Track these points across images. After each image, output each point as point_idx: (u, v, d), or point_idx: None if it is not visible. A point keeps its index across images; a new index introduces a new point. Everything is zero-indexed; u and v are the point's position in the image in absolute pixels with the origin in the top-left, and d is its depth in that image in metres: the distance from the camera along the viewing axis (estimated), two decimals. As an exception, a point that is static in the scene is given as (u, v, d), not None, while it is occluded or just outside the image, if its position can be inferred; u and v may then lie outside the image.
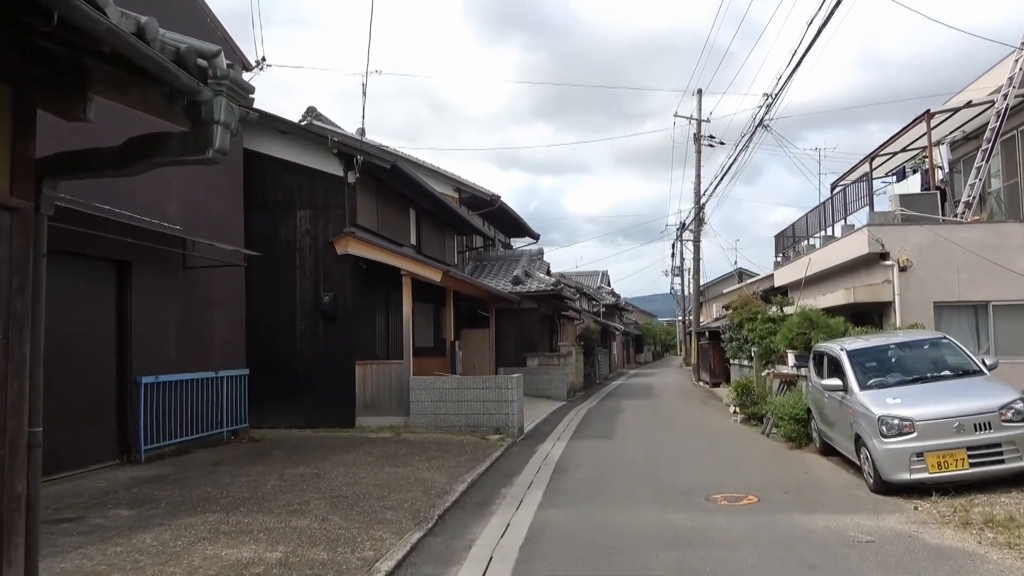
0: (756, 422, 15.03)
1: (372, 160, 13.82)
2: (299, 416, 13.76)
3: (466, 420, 13.24)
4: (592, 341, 30.32)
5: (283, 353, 14.06)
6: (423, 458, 10.35)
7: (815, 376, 10.76)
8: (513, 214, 26.61)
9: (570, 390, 24.05)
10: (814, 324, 12.49)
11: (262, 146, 14.34)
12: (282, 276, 14.18)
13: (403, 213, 17.29)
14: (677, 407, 20.32)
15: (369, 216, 14.97)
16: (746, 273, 59.65)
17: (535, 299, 23.28)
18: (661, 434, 14.03)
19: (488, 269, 24.97)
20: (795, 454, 11.07)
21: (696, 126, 32.51)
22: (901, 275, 13.12)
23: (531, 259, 25.81)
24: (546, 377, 22.63)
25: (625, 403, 21.66)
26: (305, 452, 10.89)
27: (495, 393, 13.21)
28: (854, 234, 14.04)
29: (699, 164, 32.48)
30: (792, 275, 19.14)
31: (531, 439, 13.36)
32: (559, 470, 10.09)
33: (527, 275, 23.91)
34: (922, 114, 14.20)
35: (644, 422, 16.31)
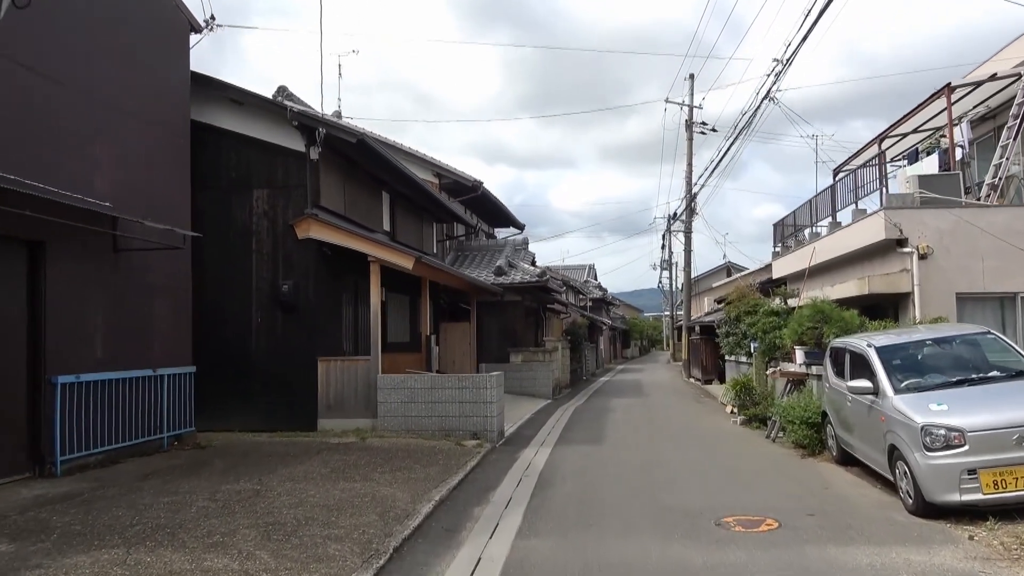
0: (758, 424, 13.80)
1: (336, 134, 12.42)
2: (255, 418, 12.37)
3: (440, 423, 11.90)
4: (579, 336, 29.06)
5: (237, 348, 12.66)
6: (387, 469, 9.01)
7: (833, 376, 9.51)
8: (497, 202, 25.26)
9: (556, 387, 22.77)
10: (827, 317, 11.24)
11: (214, 118, 12.90)
12: (236, 262, 12.77)
13: (375, 196, 15.89)
14: (670, 406, 19.07)
15: (335, 198, 13.57)
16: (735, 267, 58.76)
17: (519, 291, 21.98)
18: (656, 438, 12.76)
19: (470, 260, 23.62)
20: (809, 464, 9.82)
21: (688, 112, 31.25)
22: (921, 263, 11.91)
23: (515, 249, 24.48)
24: (530, 374, 21.34)
25: (614, 402, 20.40)
26: (252, 461, 9.51)
27: (472, 393, 11.88)
28: (868, 218, 12.80)
29: (690, 151, 31.25)
30: (793, 266, 17.92)
31: (512, 444, 12.05)
32: (543, 483, 8.78)
33: (511, 266, 22.59)
34: (941, 88, 12.97)
35: (636, 424, 15.05)
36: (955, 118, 13.14)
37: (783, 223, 19.56)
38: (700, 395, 22.89)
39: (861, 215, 13.49)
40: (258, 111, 12.81)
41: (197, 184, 12.28)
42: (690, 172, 31.25)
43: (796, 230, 18.17)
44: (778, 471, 9.34)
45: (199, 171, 12.46)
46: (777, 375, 12.13)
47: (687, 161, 31.29)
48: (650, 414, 17.07)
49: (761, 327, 13.93)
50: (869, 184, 14.40)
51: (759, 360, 14.54)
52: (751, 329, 15.16)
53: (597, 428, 14.28)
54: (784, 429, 11.70)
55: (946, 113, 13.94)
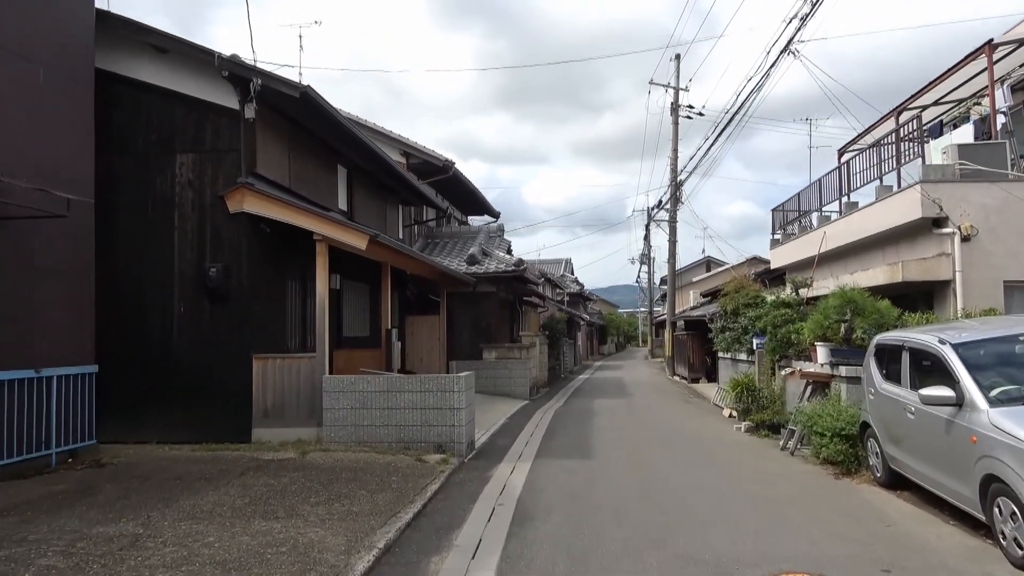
0: (767, 432, 12.03)
1: (275, 87, 10.37)
2: (176, 428, 10.33)
3: (398, 433, 9.95)
4: (557, 331, 27.21)
5: (156, 343, 10.59)
6: (323, 498, 7.05)
7: (880, 380, 7.72)
8: (469, 186, 23.30)
9: (533, 387, 20.90)
10: (859, 309, 9.47)
11: (132, 68, 10.80)
12: (155, 241, 10.68)
13: (328, 170, 13.86)
14: (659, 409, 17.28)
15: (277, 167, 11.53)
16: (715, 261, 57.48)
17: (494, 281, 20.06)
18: (652, 450, 10.92)
19: (440, 247, 21.65)
20: (847, 487, 8.03)
21: (673, 95, 29.50)
22: (963, 246, 10.20)
23: (490, 237, 22.56)
24: (505, 372, 19.43)
25: (597, 403, 18.57)
26: (153, 487, 7.48)
27: (437, 397, 9.95)
28: (898, 195, 11.06)
29: (676, 136, 29.51)
30: (797, 253, 16.21)
31: (484, 458, 10.13)
32: (521, 517, 6.87)
33: (485, 254, 20.66)
34: (980, 47, 11.26)
35: (625, 430, 13.21)
36: (996, 79, 11.43)
37: (784, 208, 17.85)
38: (688, 395, 21.15)
39: (886, 192, 11.76)
40: (184, 61, 10.72)
41: (107, 147, 10.23)
42: (675, 158, 29.54)
43: (801, 215, 16.44)
44: (815, 498, 7.52)
45: (110, 131, 10.41)
46: (796, 375, 10.37)
47: (672, 147, 29.58)
48: (639, 418, 15.26)
49: (770, 321, 12.16)
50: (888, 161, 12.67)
51: (768, 358, 12.78)
52: (756, 323, 13.39)
53: (582, 436, 12.41)
54: (805, 440, 9.93)
55: (979, 79, 12.29)
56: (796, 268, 16.77)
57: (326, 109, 11.12)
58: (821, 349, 10.24)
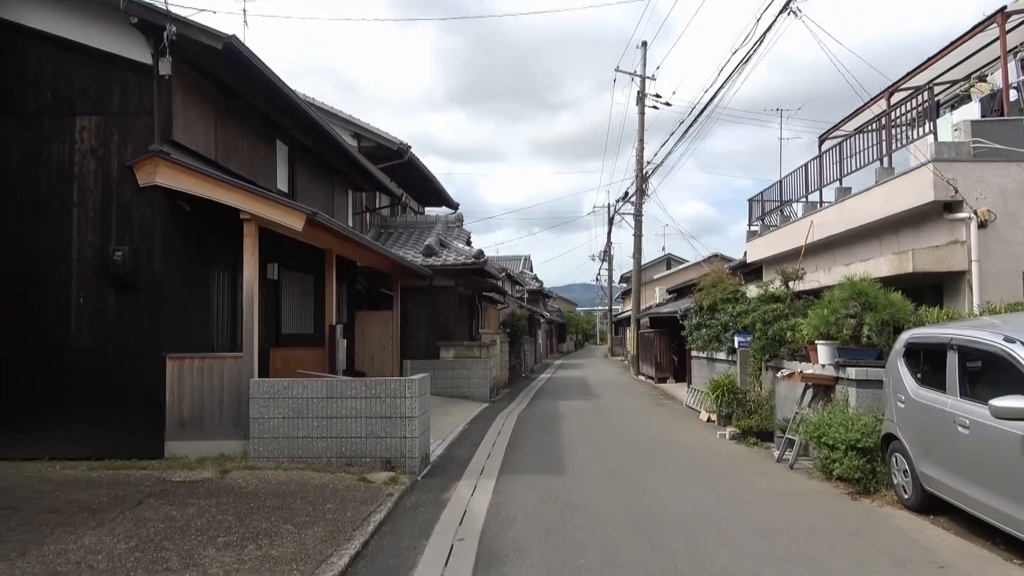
0: (755, 440, 10.87)
1: (194, 36, 8.75)
2: (75, 441, 8.66)
3: (339, 447, 8.47)
4: (519, 328, 25.86)
5: (49, 340, 8.89)
6: (236, 536, 5.56)
7: (912, 385, 6.53)
8: (426, 173, 21.77)
9: (494, 388, 19.51)
10: (871, 303, 8.29)
11: (18, 13, 9.08)
12: (48, 218, 8.98)
13: (265, 145, 12.25)
14: (631, 412, 16.04)
15: (200, 135, 9.91)
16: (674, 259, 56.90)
17: (452, 275, 18.61)
18: (632, 462, 9.61)
19: (394, 238, 20.11)
20: (870, 511, 6.82)
21: (640, 83, 28.38)
22: (980, 233, 9.12)
23: (448, 227, 21.08)
24: (464, 372, 17.99)
25: (563, 405, 17.26)
26: (15, 525, 5.88)
27: (386, 405, 8.48)
28: (905, 177, 9.95)
29: (642, 127, 28.38)
30: (778, 245, 15.12)
31: (440, 475, 8.70)
32: (486, 560, 5.47)
33: (443, 245, 19.19)
34: (992, 16, 10.22)
35: (598, 437, 11.90)
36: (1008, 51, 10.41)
37: (762, 198, 16.76)
38: (658, 396, 19.99)
39: (887, 175, 10.65)
40: (86, 5, 9.04)
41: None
42: (641, 149, 28.44)
43: (782, 204, 15.34)
44: (839, 528, 6.27)
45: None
46: (796, 378, 9.17)
47: (638, 137, 28.45)
48: (610, 422, 13.98)
49: (759, 316, 10.97)
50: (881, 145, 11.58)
51: (755, 358, 11.59)
52: (741, 319, 12.19)
53: (550, 445, 11.06)
54: (806, 450, 8.75)
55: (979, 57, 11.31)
56: (776, 261, 15.69)
57: (256, 66, 9.53)
58: (823, 348, 9.05)
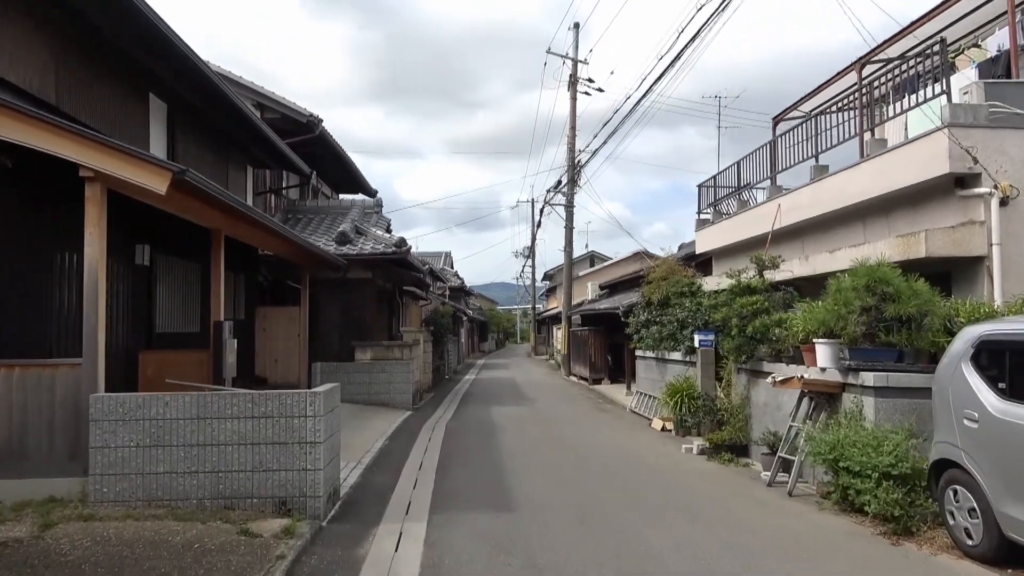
0: (730, 456, 9.27)
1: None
2: None
3: (216, 484, 6.30)
4: (443, 327, 23.81)
5: None
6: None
7: (990, 398, 4.97)
8: (341, 152, 19.45)
9: (416, 393, 17.44)
10: (893, 293, 6.75)
11: None
12: None
13: (136, 99, 9.84)
14: (573, 420, 14.28)
15: (36, 73, 7.51)
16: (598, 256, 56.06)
17: (370, 265, 16.41)
18: (595, 490, 7.78)
19: (304, 223, 17.74)
20: (927, 562, 5.21)
21: (572, 67, 26.79)
22: (1002, 212, 7.75)
23: (365, 213, 18.85)
24: (383, 376, 15.84)
25: (496, 412, 15.37)
26: None
27: (281, 427, 6.37)
28: (909, 147, 8.50)
29: (574, 113, 26.81)
30: (735, 233, 13.67)
31: (353, 519, 6.64)
32: None
33: (359, 232, 16.96)
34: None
35: (547, 455, 10.04)
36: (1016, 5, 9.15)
37: (715, 183, 15.31)
38: (597, 400, 18.37)
39: (878, 147, 9.22)
40: None
41: None
42: (573, 136, 26.85)
43: (739, 188, 13.89)
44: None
45: None
46: (795, 384, 7.56)
47: (570, 124, 26.86)
48: (555, 433, 12.17)
49: (735, 311, 9.36)
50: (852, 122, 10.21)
51: (728, 359, 9.96)
52: (710, 314, 10.57)
53: (492, 467, 9.14)
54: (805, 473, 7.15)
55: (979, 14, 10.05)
56: (731, 252, 14.28)
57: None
58: (824, 349, 7.48)
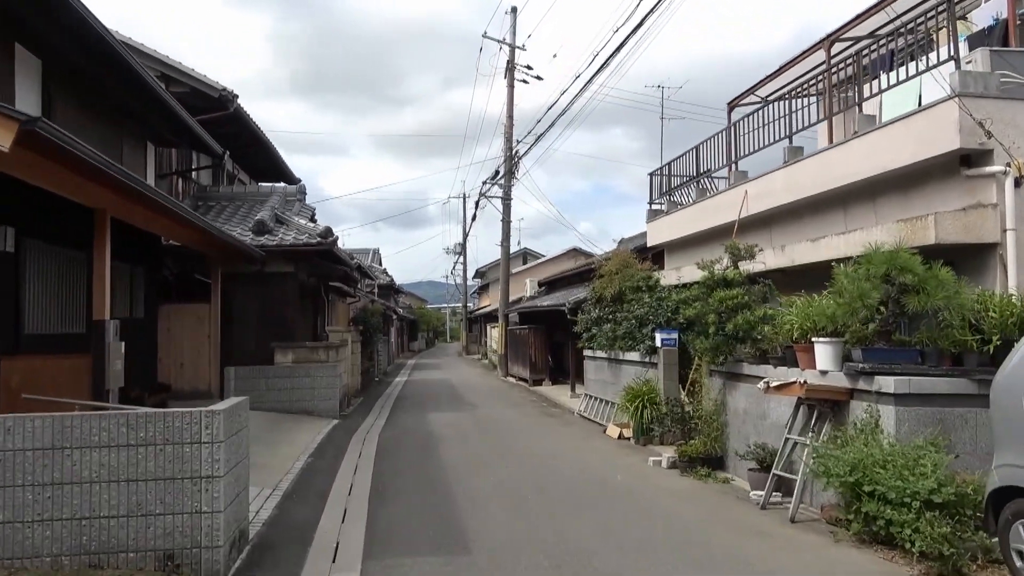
0: (707, 471, 8.19)
1: None
2: None
3: (78, 535, 4.75)
4: (373, 326, 22.22)
5: None
6: None
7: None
8: (259, 134, 17.64)
9: (344, 398, 15.89)
10: (916, 284, 5.74)
11: None
12: None
13: (-4, 47, 8.05)
14: (521, 428, 13.00)
15: None
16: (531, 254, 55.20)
17: (292, 258, 14.76)
18: (568, 522, 6.52)
19: (217, 211, 15.94)
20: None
21: (510, 52, 25.57)
22: (1016, 194, 6.89)
23: (287, 201, 17.15)
24: (307, 381, 14.23)
25: (434, 420, 13.97)
26: None
27: (167, 457, 4.87)
28: (915, 117, 7.57)
29: (511, 101, 25.58)
30: (693, 224, 12.68)
31: (264, 571, 5.19)
32: None
33: (279, 221, 15.29)
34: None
35: (499, 473, 8.72)
36: None
37: (669, 172, 14.29)
38: (542, 404, 17.18)
39: (867, 124, 8.30)
40: None
41: None
42: (511, 126, 25.64)
43: (699, 175, 12.89)
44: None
45: None
46: (795, 390, 6.48)
47: (507, 112, 25.65)
48: (505, 446, 10.89)
49: (711, 308, 8.27)
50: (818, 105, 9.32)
51: (705, 362, 8.85)
52: (683, 310, 9.44)
53: (434, 491, 7.78)
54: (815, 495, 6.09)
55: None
56: (688, 244, 13.31)
57: None
58: (824, 349, 6.45)
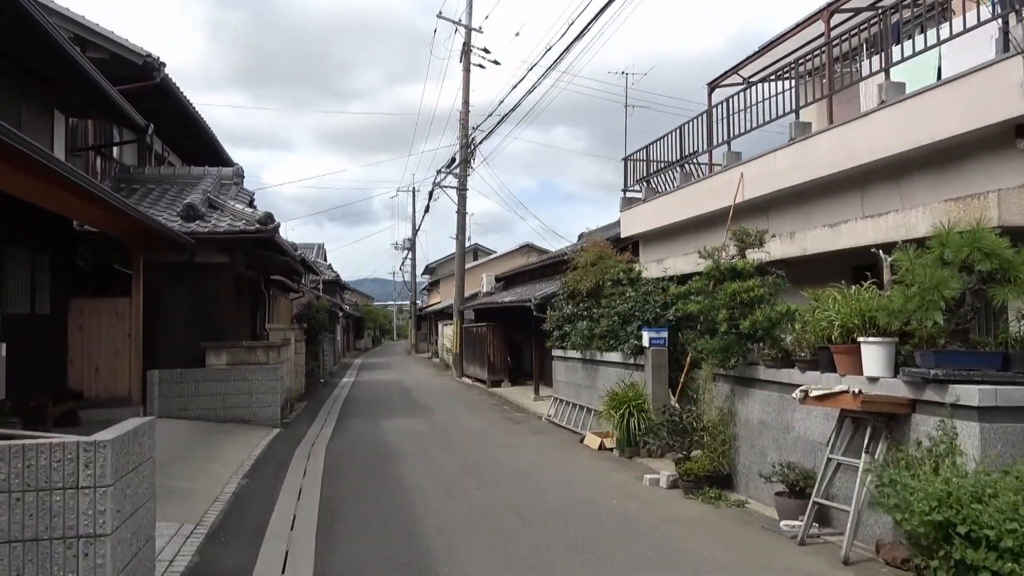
0: (716, 493, 7.03)
1: None
2: None
3: None
4: (318, 323, 20.58)
5: None
6: None
7: None
8: (191, 110, 15.83)
9: (287, 404, 14.35)
10: (1010, 271, 4.65)
11: None
12: None
13: None
14: (488, 437, 11.67)
15: None
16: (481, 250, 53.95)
17: (227, 247, 13.12)
18: (564, 566, 5.27)
19: (142, 194, 14.16)
20: None
21: (466, 34, 24.17)
22: (1086, 168, 5.89)
23: (222, 184, 15.43)
24: (244, 385, 12.64)
25: (388, 428, 12.55)
26: None
27: (25, 510, 3.41)
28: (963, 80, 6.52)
29: (467, 85, 24.20)
30: (678, 211, 11.57)
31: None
32: None
33: (213, 206, 13.62)
34: None
35: (473, 497, 7.40)
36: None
37: (647, 156, 13.15)
38: (503, 407, 15.90)
39: (897, 93, 7.26)
40: None
41: None
42: (466, 112, 24.26)
43: (685, 158, 11.76)
44: None
45: None
46: (844, 400, 5.32)
47: (463, 98, 24.24)
48: (471, 460, 9.56)
49: (721, 302, 7.10)
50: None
51: (709, 364, 7.64)
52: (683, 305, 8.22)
53: (397, 523, 6.42)
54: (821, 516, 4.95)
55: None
56: (669, 235, 12.20)
57: None
58: (875, 351, 5.33)
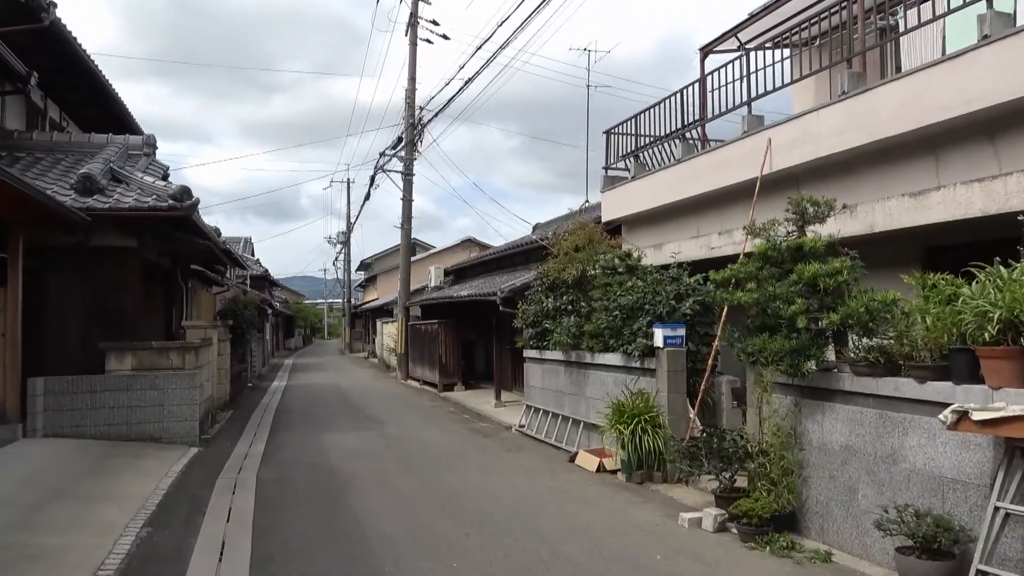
0: (786, 542, 5.31)
1: None
2: None
3: None
4: (246, 320, 18.15)
5: None
6: None
7: None
8: (88, 65, 13.23)
9: (207, 415, 12.06)
10: None
11: None
12: None
13: None
14: (454, 454, 9.72)
15: None
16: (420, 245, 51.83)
17: (134, 227, 10.77)
18: None
19: (29, 163, 11.64)
20: None
21: (412, 4, 22.06)
22: None
23: (128, 155, 12.96)
24: (154, 395, 10.31)
25: (332, 445, 10.47)
26: None
27: None
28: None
29: (414, 60, 22.11)
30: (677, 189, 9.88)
31: None
32: None
33: (117, 179, 11.23)
34: None
35: (456, 546, 5.46)
36: None
37: (635, 130, 11.40)
38: (461, 415, 13.95)
39: (1004, 24, 5.71)
40: None
41: None
42: (412, 89, 22.16)
43: (689, 125, 10.03)
44: None
45: None
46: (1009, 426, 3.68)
47: (409, 75, 22.15)
48: (442, 490, 7.61)
49: (793, 290, 5.37)
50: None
51: (771, 371, 5.86)
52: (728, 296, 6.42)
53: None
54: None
55: None
56: (662, 217, 10.52)
57: None
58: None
